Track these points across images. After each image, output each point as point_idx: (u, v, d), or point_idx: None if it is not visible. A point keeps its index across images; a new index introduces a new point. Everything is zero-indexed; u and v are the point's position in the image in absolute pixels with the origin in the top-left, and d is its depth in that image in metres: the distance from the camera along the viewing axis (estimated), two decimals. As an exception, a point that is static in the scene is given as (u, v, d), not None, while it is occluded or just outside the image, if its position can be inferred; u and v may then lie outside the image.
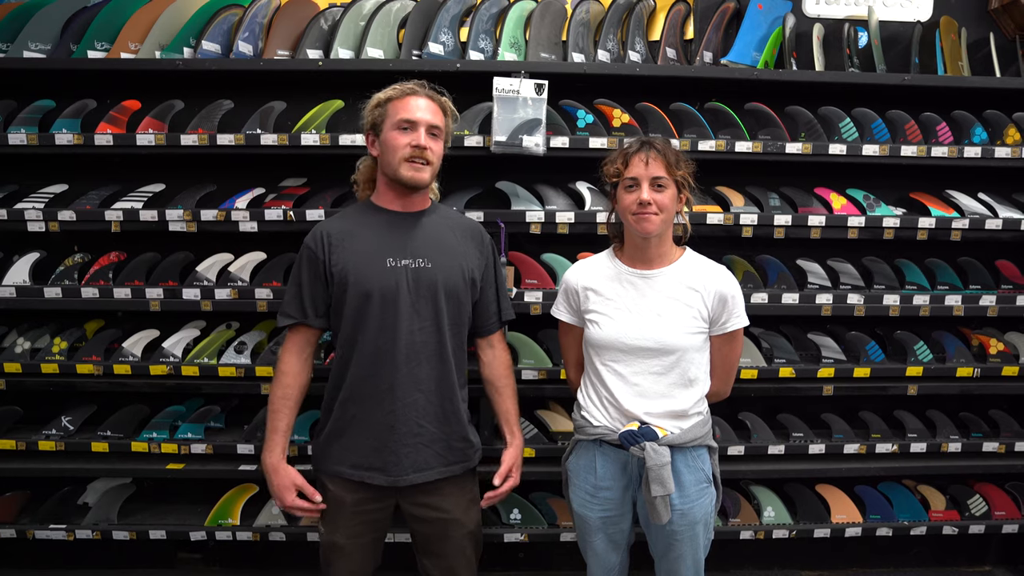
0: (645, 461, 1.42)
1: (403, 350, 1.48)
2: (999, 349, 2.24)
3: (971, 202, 2.22)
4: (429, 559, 1.61)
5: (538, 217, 2.09)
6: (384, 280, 1.47)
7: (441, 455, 1.54)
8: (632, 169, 1.46)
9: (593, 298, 1.55)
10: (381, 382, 1.48)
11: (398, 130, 1.48)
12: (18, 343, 2.13)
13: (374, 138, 1.55)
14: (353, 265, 1.48)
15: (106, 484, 2.24)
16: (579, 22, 2.17)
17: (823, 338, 2.24)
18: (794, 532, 2.24)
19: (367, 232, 1.52)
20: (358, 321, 1.48)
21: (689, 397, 1.50)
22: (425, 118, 1.48)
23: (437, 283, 1.50)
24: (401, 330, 1.47)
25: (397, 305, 1.47)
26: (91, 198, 2.12)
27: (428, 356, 1.50)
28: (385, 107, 1.51)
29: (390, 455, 1.49)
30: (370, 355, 1.48)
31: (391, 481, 1.49)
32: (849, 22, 2.26)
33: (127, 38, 2.08)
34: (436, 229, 1.57)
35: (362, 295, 1.47)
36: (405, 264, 1.49)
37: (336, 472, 1.52)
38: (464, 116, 2.10)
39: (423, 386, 1.50)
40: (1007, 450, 2.25)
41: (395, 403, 1.48)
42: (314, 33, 2.12)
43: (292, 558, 2.34)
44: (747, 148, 2.10)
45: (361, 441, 1.50)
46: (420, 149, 1.47)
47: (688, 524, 1.50)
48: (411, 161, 1.47)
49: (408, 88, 1.51)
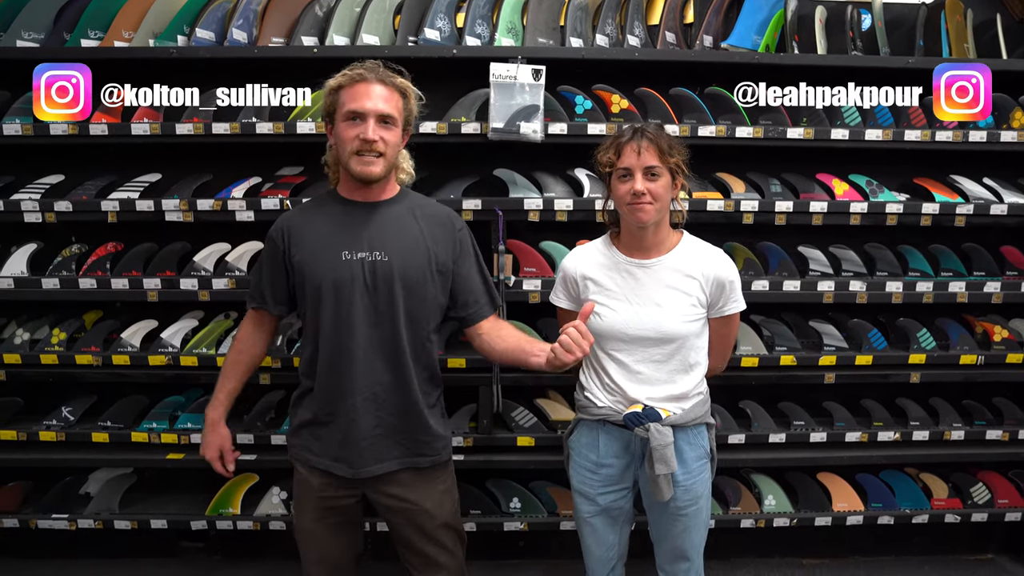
0: (649, 441, 1.44)
1: (360, 344, 1.45)
2: (1003, 336, 2.22)
3: (976, 187, 2.19)
4: (407, 549, 1.61)
5: (536, 204, 2.07)
6: (338, 273, 1.44)
7: (402, 445, 1.51)
8: (625, 159, 1.44)
9: (593, 288, 1.54)
10: (341, 375, 1.46)
11: (347, 122, 1.41)
12: (17, 334, 2.13)
13: (331, 126, 1.49)
14: (310, 258, 1.46)
15: (107, 474, 2.26)
16: (577, 6, 2.14)
17: (825, 325, 2.22)
18: (795, 520, 2.23)
19: (325, 224, 1.49)
20: (317, 313, 1.47)
21: (690, 380, 1.52)
22: (375, 107, 1.40)
23: (393, 277, 1.45)
24: (356, 324, 1.44)
25: (352, 299, 1.44)
26: (87, 188, 2.11)
27: (385, 350, 1.47)
28: (337, 95, 1.43)
29: (352, 446, 1.48)
30: (329, 348, 1.47)
31: (353, 473, 1.49)
32: (852, 4, 2.22)
33: (120, 27, 2.06)
34: (398, 219, 1.50)
35: (316, 288, 1.45)
36: (361, 257, 1.45)
37: (304, 459, 1.53)
38: (461, 103, 2.08)
39: (382, 379, 1.47)
40: (1010, 438, 2.24)
41: (355, 396, 1.46)
42: (309, 20, 2.10)
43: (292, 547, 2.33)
44: (748, 133, 2.07)
45: (324, 432, 1.50)
46: (369, 143, 1.40)
47: (692, 498, 1.53)
48: (360, 155, 1.41)
49: (357, 74, 1.42)
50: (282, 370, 2.11)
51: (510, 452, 2.17)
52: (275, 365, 2.10)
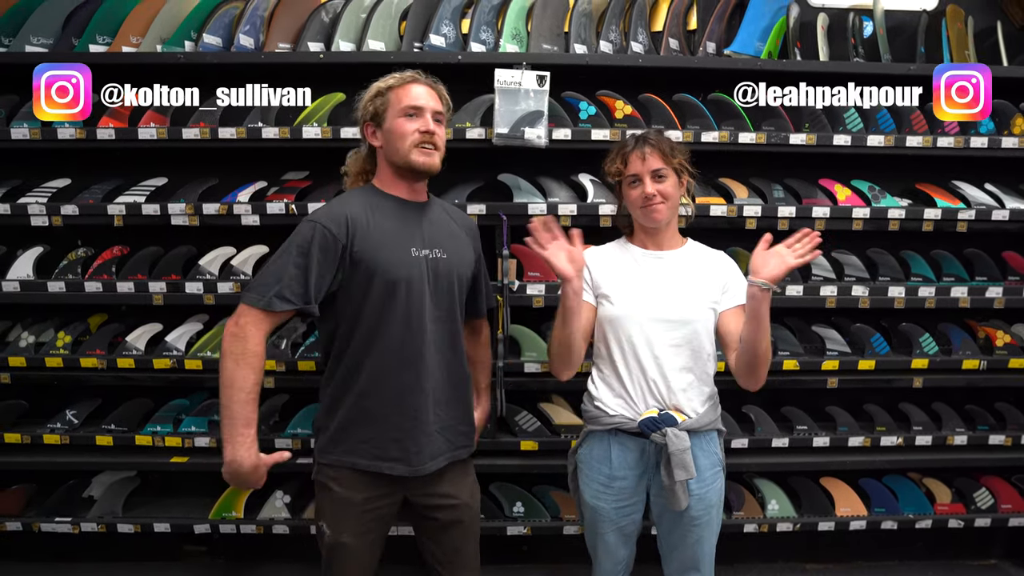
0: (667, 447, 1.44)
1: (428, 341, 1.47)
2: (1006, 341, 2.22)
3: (977, 193, 2.20)
4: (440, 547, 1.59)
5: (540, 210, 2.08)
6: (410, 270, 1.46)
7: (450, 441, 1.55)
8: (632, 166, 1.53)
9: (609, 278, 1.56)
10: (406, 373, 1.46)
11: (404, 117, 1.47)
12: (23, 337, 2.13)
13: (375, 128, 1.53)
14: (382, 252, 1.44)
15: (111, 477, 2.26)
16: (581, 13, 2.16)
17: (828, 330, 2.23)
18: (798, 525, 2.23)
19: (387, 219, 1.48)
20: (383, 311, 1.44)
21: (704, 372, 1.53)
22: (430, 104, 1.49)
23: (453, 273, 1.52)
24: (427, 321, 1.47)
25: (423, 296, 1.47)
26: (94, 192, 2.12)
27: (445, 346, 1.52)
28: (387, 95, 1.50)
29: (412, 444, 1.47)
30: (395, 346, 1.45)
31: (412, 471, 1.47)
32: (854, 11, 2.24)
33: (128, 32, 2.08)
34: (443, 220, 1.58)
35: (390, 284, 1.43)
36: (425, 254, 1.49)
37: (351, 464, 1.48)
38: (466, 108, 2.09)
39: (441, 375, 1.51)
40: (1013, 443, 2.24)
41: (420, 394, 1.47)
42: (315, 26, 2.12)
43: (295, 550, 2.35)
44: (751, 139, 2.09)
45: (380, 432, 1.47)
46: (429, 134, 1.47)
47: (705, 508, 1.53)
48: (421, 147, 1.47)
49: (408, 76, 1.51)
50: (286, 374, 2.11)
51: (513, 456, 2.17)
52: (279, 369, 2.11)
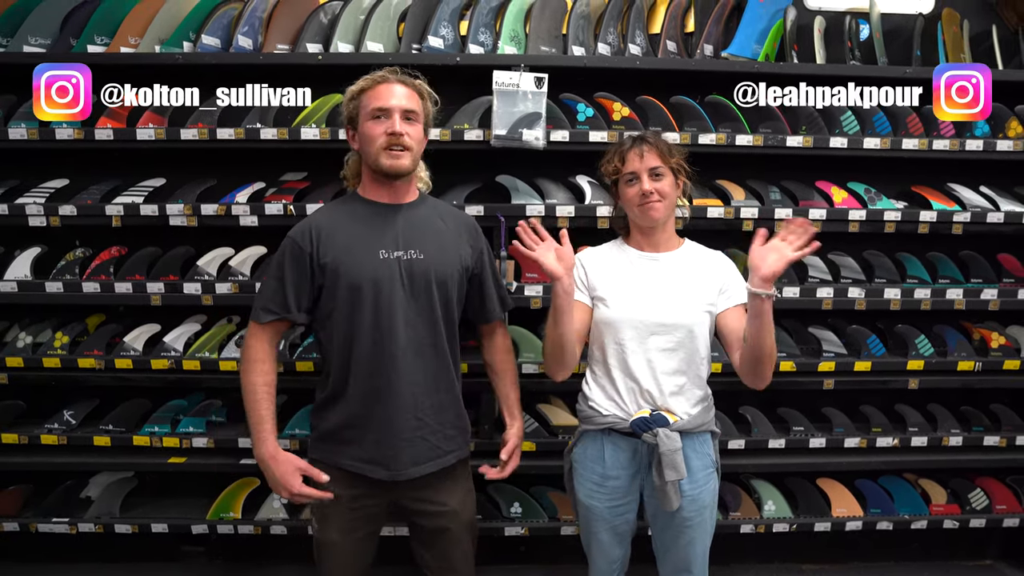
0: (658, 447, 1.44)
1: (400, 343, 1.46)
2: (1000, 343, 2.24)
3: (972, 195, 2.21)
4: (428, 551, 1.61)
5: (538, 211, 2.09)
6: (377, 272, 1.45)
7: (437, 446, 1.53)
8: (629, 164, 1.52)
9: (604, 279, 1.56)
10: (379, 377, 1.46)
11: (372, 120, 1.46)
12: (20, 337, 2.13)
13: (353, 132, 1.53)
14: (344, 257, 1.46)
15: (108, 478, 2.25)
16: (579, 15, 2.17)
17: (824, 332, 2.24)
18: (795, 526, 2.24)
19: (356, 224, 1.50)
20: (352, 315, 1.46)
21: (697, 375, 1.53)
22: (399, 104, 1.46)
23: (430, 275, 1.49)
24: (397, 323, 1.45)
25: (392, 298, 1.45)
26: (92, 193, 2.12)
27: (424, 349, 1.49)
28: (359, 99, 1.49)
29: (389, 449, 1.48)
30: (367, 350, 1.46)
31: (391, 476, 1.48)
32: (851, 14, 2.25)
33: (127, 32, 2.08)
34: (427, 220, 1.55)
35: (354, 287, 1.45)
36: (398, 256, 1.47)
37: (335, 464, 1.51)
38: (464, 110, 2.10)
39: (420, 379, 1.49)
40: (1008, 444, 2.25)
41: (393, 397, 1.46)
42: (314, 27, 2.12)
43: (293, 551, 2.34)
44: (748, 141, 2.10)
45: (361, 435, 1.49)
46: (396, 136, 1.45)
47: (698, 509, 1.53)
48: (389, 149, 1.45)
49: (379, 76, 1.49)
50: (285, 374, 2.11)
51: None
52: (278, 369, 2.10)
